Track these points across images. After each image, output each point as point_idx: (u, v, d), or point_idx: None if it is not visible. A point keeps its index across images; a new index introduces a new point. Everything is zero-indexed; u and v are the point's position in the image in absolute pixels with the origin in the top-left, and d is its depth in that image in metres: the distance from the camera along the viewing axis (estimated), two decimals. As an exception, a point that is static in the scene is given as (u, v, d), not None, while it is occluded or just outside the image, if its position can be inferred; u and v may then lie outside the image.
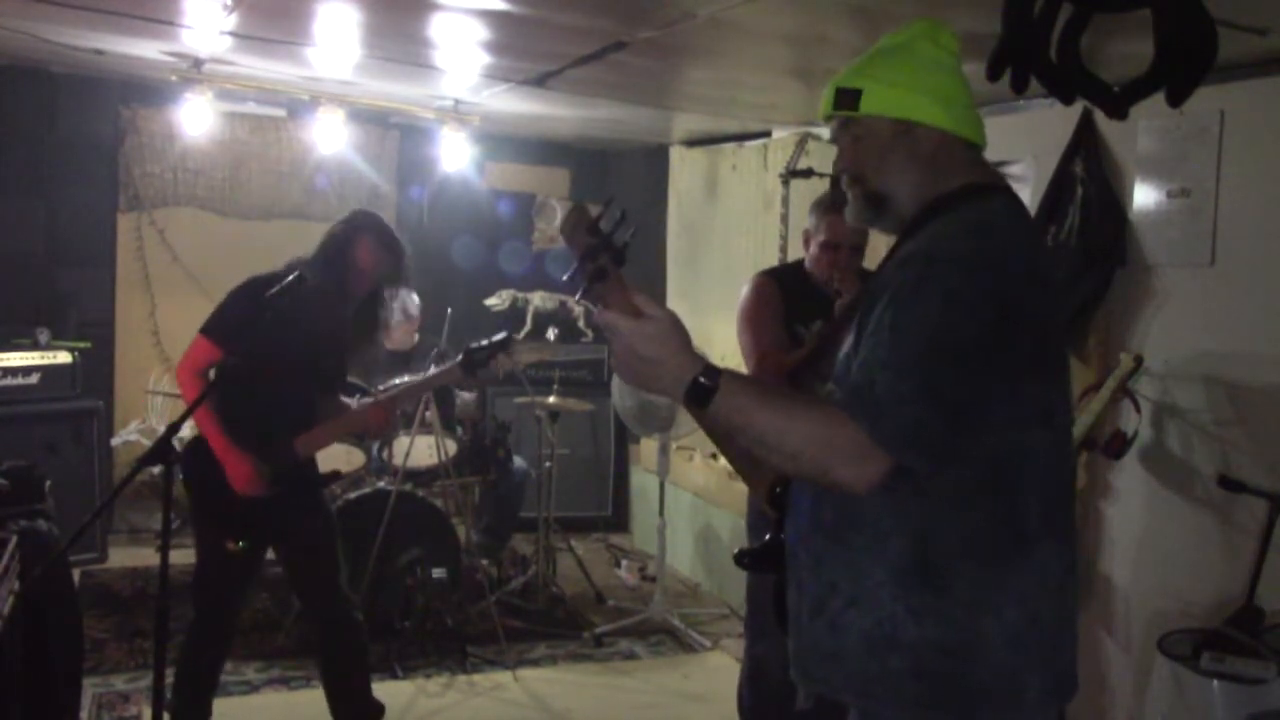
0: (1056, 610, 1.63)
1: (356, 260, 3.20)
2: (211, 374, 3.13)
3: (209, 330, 3.12)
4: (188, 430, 3.02)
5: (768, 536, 1.83)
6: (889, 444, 1.49)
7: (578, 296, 1.64)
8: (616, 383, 4.88)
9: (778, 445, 1.54)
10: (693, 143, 6.21)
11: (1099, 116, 3.51)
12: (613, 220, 1.60)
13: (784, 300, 3.23)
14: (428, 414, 4.68)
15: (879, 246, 4.28)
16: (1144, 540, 3.47)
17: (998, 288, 1.53)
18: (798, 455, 1.54)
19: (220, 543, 3.14)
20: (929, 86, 1.69)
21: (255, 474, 3.10)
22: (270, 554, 3.42)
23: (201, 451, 3.07)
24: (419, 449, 4.77)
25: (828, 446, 1.51)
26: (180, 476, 3.09)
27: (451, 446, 4.94)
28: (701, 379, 1.54)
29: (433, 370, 4.87)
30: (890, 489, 1.53)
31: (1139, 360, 3.28)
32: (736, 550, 1.94)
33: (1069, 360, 1.72)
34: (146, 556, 5.38)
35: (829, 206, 3.26)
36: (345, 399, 3.46)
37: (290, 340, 3.05)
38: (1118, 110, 1.67)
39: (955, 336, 1.50)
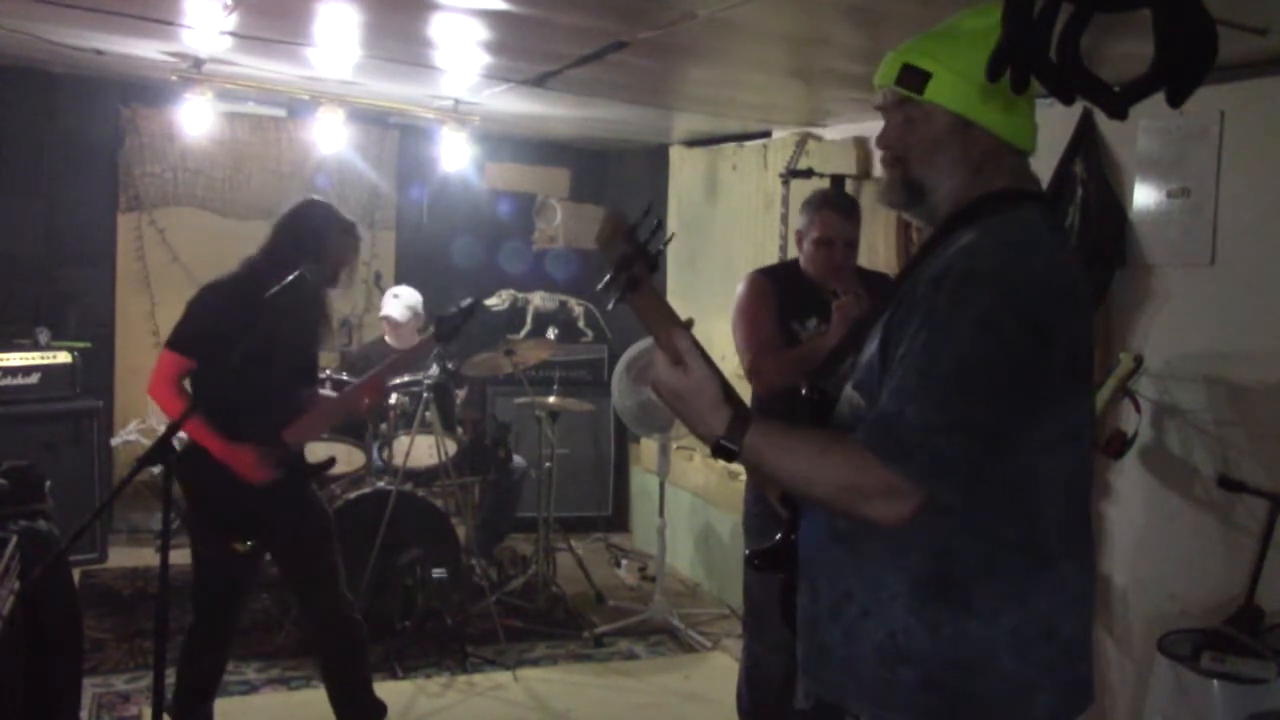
0: (1072, 626, 1.60)
1: (334, 251, 3.20)
2: (187, 384, 3.14)
3: (173, 344, 3.13)
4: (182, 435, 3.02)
5: (779, 536, 1.82)
6: (923, 479, 1.46)
7: (610, 305, 1.63)
8: (616, 382, 4.88)
9: (807, 491, 1.56)
10: (693, 143, 6.21)
11: (1099, 116, 3.51)
12: (649, 229, 1.59)
13: (779, 298, 3.23)
14: (428, 414, 4.68)
15: (878, 248, 4.29)
16: (1144, 540, 3.47)
17: (1034, 310, 1.49)
18: (827, 499, 1.55)
19: (219, 546, 3.14)
20: (999, 88, 1.57)
21: (261, 459, 3.10)
22: (269, 555, 3.41)
23: (197, 458, 3.06)
24: (419, 449, 4.77)
25: (857, 490, 1.49)
26: (178, 482, 3.09)
27: (451, 446, 4.94)
28: (723, 440, 1.54)
29: (414, 343, 4.81)
30: None
31: (1139, 360, 3.28)
32: (748, 551, 1.93)
33: (1093, 377, 1.71)
34: (146, 556, 5.39)
35: (820, 204, 3.27)
36: (329, 392, 3.46)
37: (262, 336, 3.02)
38: (1118, 110, 1.66)
39: (989, 364, 1.47)
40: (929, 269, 1.60)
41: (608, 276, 1.60)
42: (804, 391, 1.77)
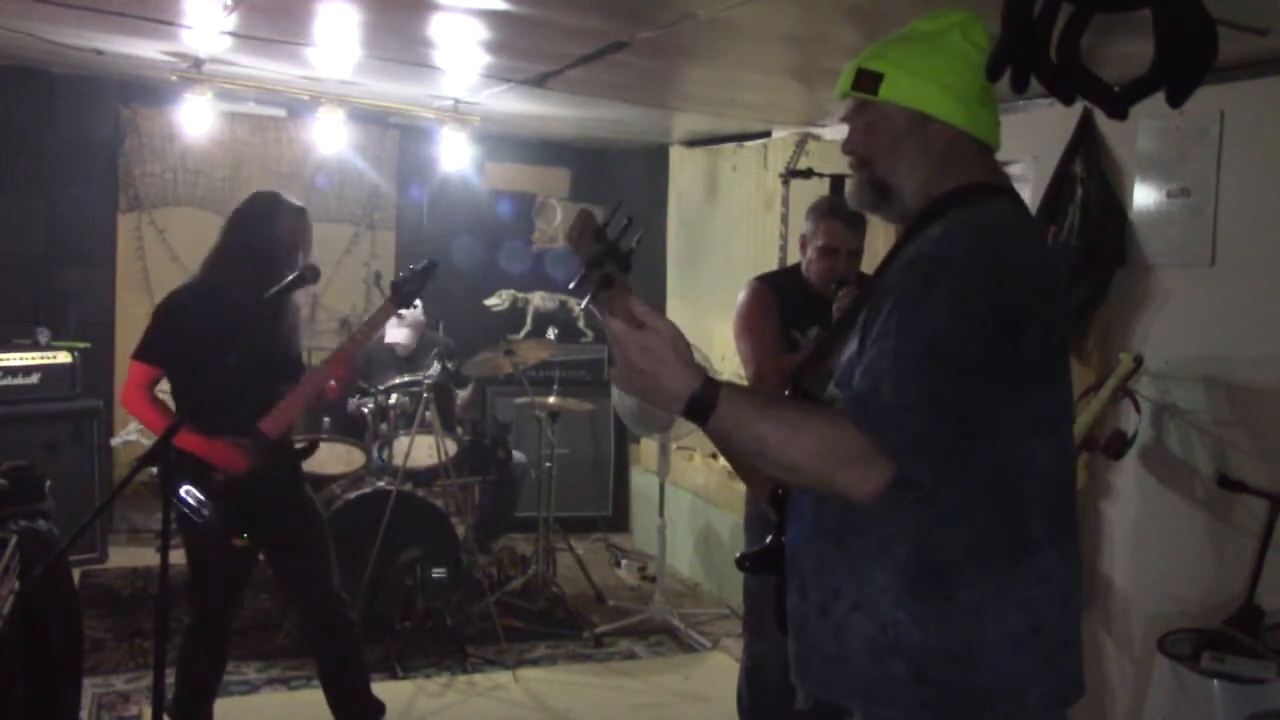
0: (1060, 616, 1.62)
1: (285, 237, 3.18)
2: (159, 390, 3.14)
3: (140, 354, 3.14)
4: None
5: (769, 539, 1.82)
6: (895, 453, 1.48)
7: (583, 304, 1.62)
8: (616, 385, 4.87)
9: (779, 458, 1.51)
10: (693, 143, 6.21)
11: (1099, 116, 3.52)
12: (619, 227, 1.58)
13: (780, 306, 3.23)
14: (428, 414, 4.68)
15: (879, 252, 4.29)
16: (1144, 540, 3.47)
17: (1004, 294, 1.51)
18: (799, 468, 1.52)
19: (217, 546, 3.13)
20: (951, 81, 1.65)
21: (238, 449, 3.08)
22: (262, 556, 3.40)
23: (184, 461, 3.03)
24: (419, 449, 4.77)
25: (830, 457, 1.49)
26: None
27: (451, 446, 4.94)
28: (698, 396, 1.50)
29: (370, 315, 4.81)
30: (894, 497, 1.51)
31: (1139, 360, 3.28)
32: (738, 554, 1.93)
33: (1070, 365, 1.72)
34: (146, 556, 5.38)
35: (825, 211, 3.26)
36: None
37: (229, 336, 2.94)
38: (1118, 110, 1.66)
39: (960, 344, 1.49)
40: (900, 261, 1.63)
41: (579, 275, 1.60)
42: (787, 392, 1.77)
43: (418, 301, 5.28)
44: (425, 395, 4.68)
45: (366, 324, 3.34)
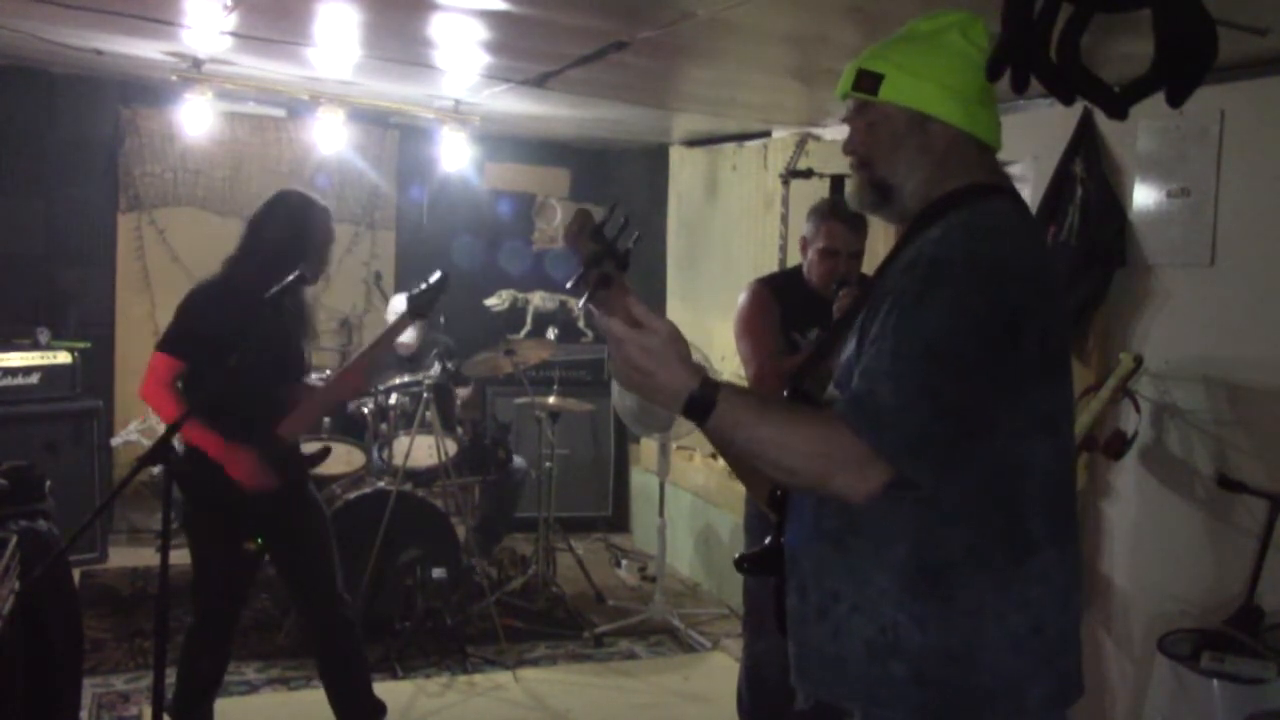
0: (1060, 616, 1.61)
1: (316, 237, 3.21)
2: (180, 385, 3.13)
3: (164, 345, 3.13)
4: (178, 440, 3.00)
5: (768, 540, 1.82)
6: (893, 455, 1.48)
7: (581, 303, 1.62)
8: (616, 382, 4.87)
9: (777, 460, 1.52)
10: (693, 143, 6.21)
11: (1099, 116, 3.51)
12: (616, 226, 1.58)
13: (780, 308, 3.24)
14: (428, 414, 4.68)
15: (879, 253, 4.29)
16: (1144, 540, 3.47)
17: (1003, 295, 1.51)
18: (796, 470, 1.52)
19: (224, 547, 3.14)
20: (951, 81, 1.66)
21: (259, 465, 3.09)
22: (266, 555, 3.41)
23: (197, 459, 3.05)
24: (419, 449, 4.77)
25: (828, 459, 1.49)
26: (178, 484, 3.08)
27: (451, 446, 4.94)
28: (697, 395, 1.50)
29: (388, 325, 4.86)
30: (893, 497, 1.51)
31: (1139, 360, 3.28)
32: (736, 555, 1.93)
33: (1071, 365, 1.72)
34: (146, 556, 5.38)
35: (826, 213, 3.26)
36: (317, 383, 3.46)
37: (261, 336, 2.94)
38: (1118, 110, 1.66)
39: (959, 345, 1.48)
40: (900, 262, 1.63)
41: (577, 275, 1.60)
42: (785, 393, 1.77)
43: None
44: (425, 395, 4.68)
45: (384, 335, 3.37)
